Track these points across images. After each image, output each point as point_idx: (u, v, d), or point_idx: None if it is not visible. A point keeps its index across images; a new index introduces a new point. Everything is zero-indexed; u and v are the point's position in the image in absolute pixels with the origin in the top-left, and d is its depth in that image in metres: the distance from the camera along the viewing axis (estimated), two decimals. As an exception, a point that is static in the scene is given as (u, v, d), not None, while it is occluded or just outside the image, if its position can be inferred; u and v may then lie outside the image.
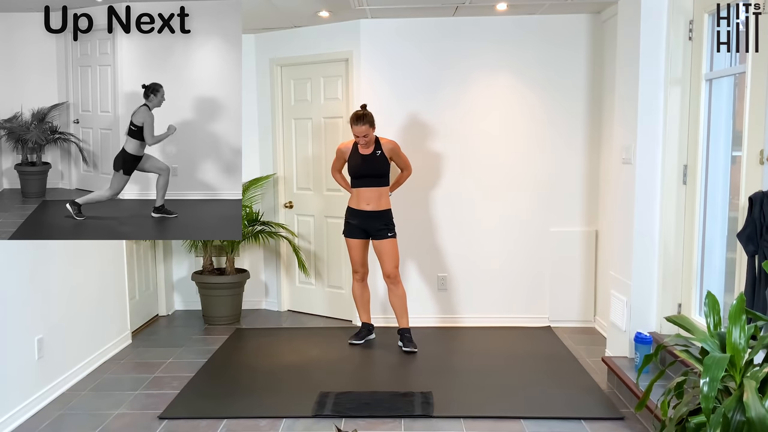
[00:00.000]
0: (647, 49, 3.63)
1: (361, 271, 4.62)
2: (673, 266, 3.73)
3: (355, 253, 4.55)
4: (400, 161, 4.55)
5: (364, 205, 4.42)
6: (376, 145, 4.41)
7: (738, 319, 2.12)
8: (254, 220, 5.35)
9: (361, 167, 4.39)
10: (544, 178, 5.02)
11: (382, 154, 4.41)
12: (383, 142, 4.45)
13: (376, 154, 4.39)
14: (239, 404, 3.62)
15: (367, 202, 4.41)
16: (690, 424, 2.09)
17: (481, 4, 4.53)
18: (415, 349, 4.46)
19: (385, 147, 4.42)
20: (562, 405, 3.56)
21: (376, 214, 4.42)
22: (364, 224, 4.45)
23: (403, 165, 4.57)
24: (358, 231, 4.48)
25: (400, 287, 4.54)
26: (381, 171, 4.41)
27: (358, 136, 4.31)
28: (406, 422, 3.37)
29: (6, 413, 3.32)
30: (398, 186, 4.63)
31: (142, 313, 5.23)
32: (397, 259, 4.49)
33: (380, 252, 4.48)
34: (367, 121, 4.30)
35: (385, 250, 4.45)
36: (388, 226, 4.45)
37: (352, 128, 4.33)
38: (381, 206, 4.42)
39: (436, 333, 4.93)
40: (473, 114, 4.99)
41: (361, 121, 4.28)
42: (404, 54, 4.97)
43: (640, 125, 3.69)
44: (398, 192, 4.72)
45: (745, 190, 2.91)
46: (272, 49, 5.39)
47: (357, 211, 4.44)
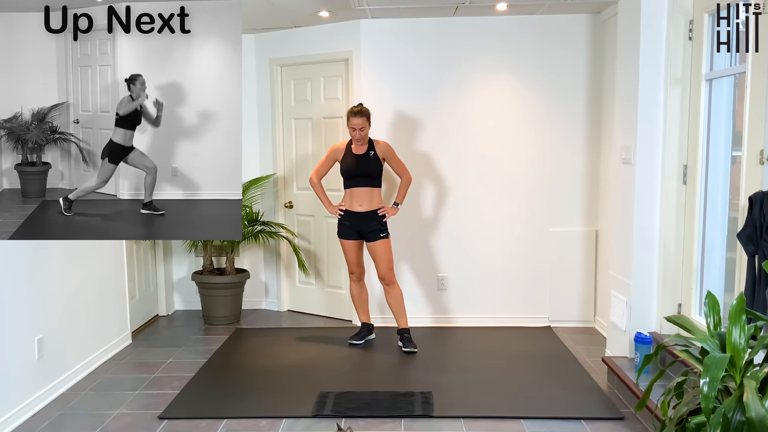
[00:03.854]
0: (647, 49, 3.63)
1: (357, 271, 4.62)
2: (673, 266, 3.73)
3: (349, 254, 4.56)
4: (396, 165, 4.51)
5: (356, 206, 4.42)
6: (369, 145, 4.42)
7: (738, 319, 2.12)
8: (254, 220, 5.35)
9: (353, 167, 4.40)
10: (544, 177, 5.02)
11: (375, 154, 4.41)
12: (376, 142, 4.46)
13: (369, 154, 4.40)
14: (239, 404, 3.62)
15: (360, 203, 4.41)
16: (690, 424, 2.09)
17: (481, 4, 4.53)
18: (415, 350, 4.46)
19: (378, 148, 4.43)
20: (562, 405, 3.56)
21: (369, 214, 4.42)
22: (357, 225, 4.45)
23: (399, 170, 4.52)
24: (351, 232, 4.48)
25: (395, 288, 4.53)
26: (374, 171, 4.42)
27: (355, 129, 4.31)
28: (406, 422, 3.37)
29: (6, 413, 3.32)
30: (403, 196, 4.54)
31: (142, 313, 5.23)
32: (390, 260, 4.48)
33: (373, 254, 4.48)
34: (365, 114, 4.33)
35: (378, 252, 4.45)
36: (381, 227, 4.44)
37: (348, 121, 4.34)
38: (373, 206, 4.42)
39: (436, 333, 4.93)
40: (473, 114, 4.99)
41: (359, 114, 4.30)
42: (404, 54, 4.97)
43: (640, 125, 3.69)
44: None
45: (745, 190, 2.91)
46: (272, 49, 5.39)
47: (349, 212, 4.44)
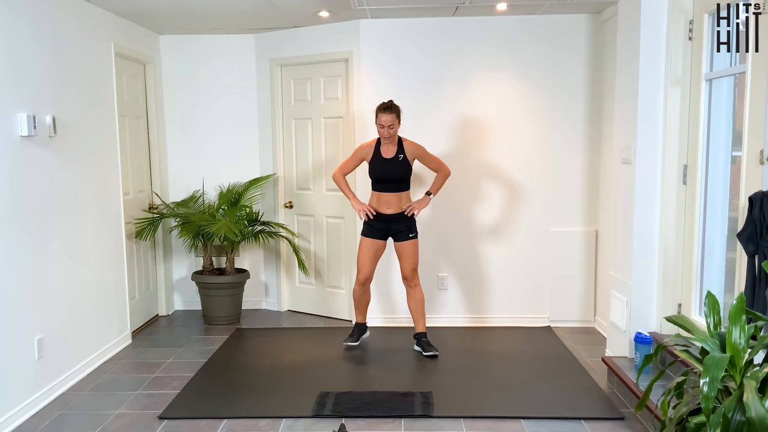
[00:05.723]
0: (647, 49, 3.63)
1: (367, 274, 4.40)
2: (673, 266, 3.73)
3: (367, 254, 4.36)
4: (432, 163, 4.38)
5: (384, 209, 4.32)
6: (399, 147, 4.29)
7: (738, 319, 2.12)
8: (254, 220, 5.35)
9: (383, 173, 4.28)
10: (544, 177, 5.02)
11: (405, 158, 4.28)
12: (406, 144, 4.31)
13: (398, 159, 4.26)
14: (239, 404, 3.62)
15: (388, 206, 4.31)
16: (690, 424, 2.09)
17: (481, 4, 4.53)
18: (436, 353, 4.37)
19: (407, 149, 4.29)
20: (562, 405, 3.56)
21: (398, 216, 4.33)
22: (385, 227, 4.36)
23: (435, 167, 4.38)
24: (377, 232, 4.36)
25: (418, 291, 4.45)
26: (403, 177, 4.30)
27: (384, 126, 4.16)
28: (406, 422, 3.37)
29: (6, 413, 3.32)
30: (438, 187, 4.40)
31: (142, 313, 5.23)
32: (416, 261, 4.41)
33: (401, 253, 4.40)
34: (395, 111, 4.19)
35: (406, 252, 4.37)
36: (410, 228, 4.37)
37: (377, 117, 4.20)
38: (402, 208, 4.33)
39: (436, 332, 4.93)
40: (473, 114, 4.99)
41: (389, 110, 4.17)
42: (404, 54, 4.97)
43: (640, 125, 3.69)
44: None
45: (745, 190, 2.91)
46: (272, 49, 5.39)
47: (378, 214, 4.33)
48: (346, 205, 4.85)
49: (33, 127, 3.54)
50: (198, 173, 5.55)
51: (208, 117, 5.56)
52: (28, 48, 3.58)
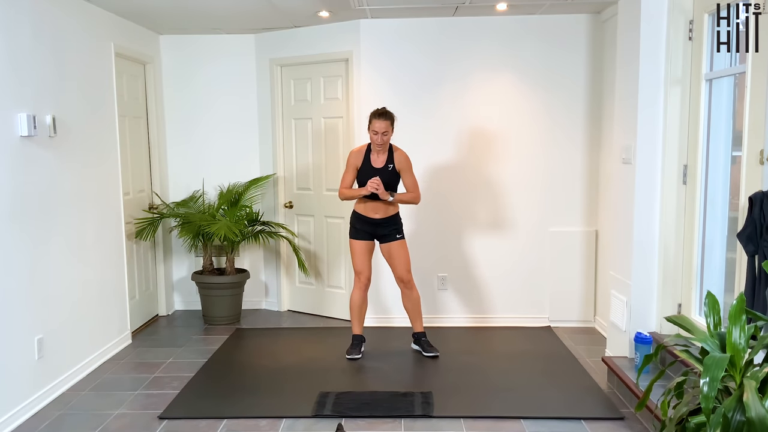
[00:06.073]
0: (647, 49, 3.63)
1: (366, 273, 4.41)
2: (673, 266, 3.73)
3: (360, 256, 4.38)
4: (408, 181, 4.30)
5: (372, 213, 4.31)
6: (389, 155, 4.27)
7: (738, 319, 2.12)
8: (254, 220, 5.35)
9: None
10: (544, 177, 5.02)
11: (394, 168, 4.26)
12: (396, 153, 4.28)
13: (387, 168, 4.25)
14: (239, 404, 3.62)
15: (375, 212, 4.30)
16: (690, 424, 2.09)
17: (481, 4, 4.53)
18: (437, 353, 4.37)
19: (397, 158, 4.27)
20: (562, 405, 3.56)
21: (385, 220, 4.33)
22: (372, 230, 4.35)
23: (410, 186, 4.30)
24: (365, 234, 4.36)
25: (414, 291, 4.43)
26: (391, 186, 4.29)
27: (377, 132, 4.14)
28: (406, 422, 3.37)
29: (6, 413, 3.32)
30: (400, 200, 4.30)
31: (142, 313, 5.23)
32: (408, 261, 4.39)
33: (390, 255, 4.38)
34: (389, 118, 4.18)
35: (396, 253, 4.35)
36: (397, 229, 4.36)
37: (371, 123, 4.18)
38: (389, 213, 4.33)
39: (437, 333, 4.93)
40: (473, 114, 4.99)
41: (383, 117, 4.15)
42: (404, 54, 4.97)
43: (640, 125, 3.69)
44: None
45: (745, 190, 2.91)
46: (272, 49, 5.39)
47: (365, 218, 4.32)
48: (346, 205, 4.84)
49: (33, 127, 3.54)
50: (198, 173, 5.55)
51: (208, 117, 5.56)
52: (28, 48, 3.58)
